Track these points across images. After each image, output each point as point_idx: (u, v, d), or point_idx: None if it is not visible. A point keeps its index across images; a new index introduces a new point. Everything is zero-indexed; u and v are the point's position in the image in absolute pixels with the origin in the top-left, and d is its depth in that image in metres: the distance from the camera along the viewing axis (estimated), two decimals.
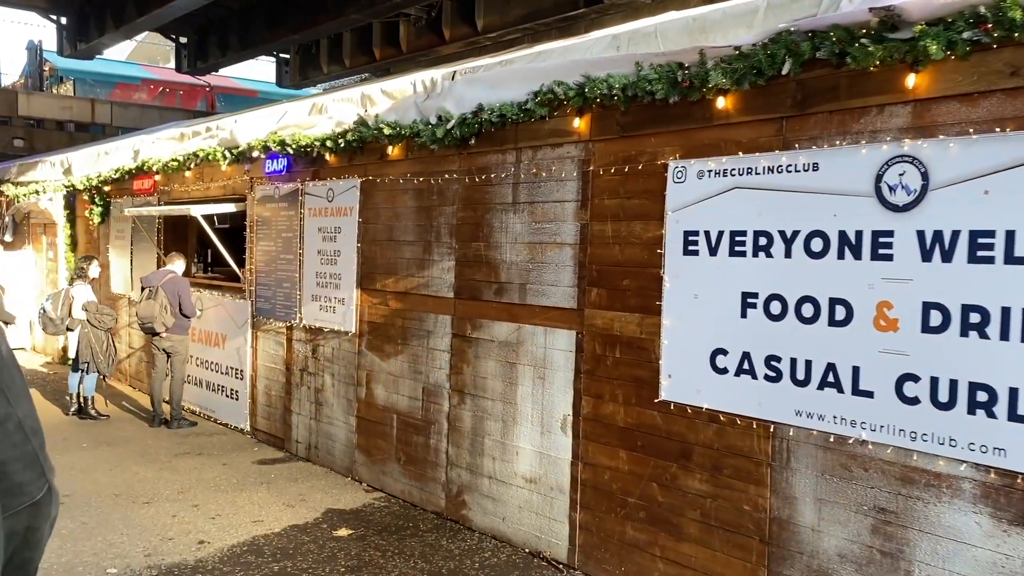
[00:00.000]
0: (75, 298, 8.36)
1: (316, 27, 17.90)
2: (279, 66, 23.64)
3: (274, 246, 7.61)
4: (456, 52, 16.65)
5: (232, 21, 20.19)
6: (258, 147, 7.40)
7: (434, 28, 17.18)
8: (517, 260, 5.21)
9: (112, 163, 10.42)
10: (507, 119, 5.11)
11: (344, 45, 19.79)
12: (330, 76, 21.58)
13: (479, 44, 16.47)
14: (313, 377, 7.10)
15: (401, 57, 18.26)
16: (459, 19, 16.41)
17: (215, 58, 21.76)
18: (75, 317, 8.31)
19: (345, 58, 19.90)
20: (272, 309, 7.62)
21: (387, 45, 18.73)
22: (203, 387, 8.72)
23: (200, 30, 21.68)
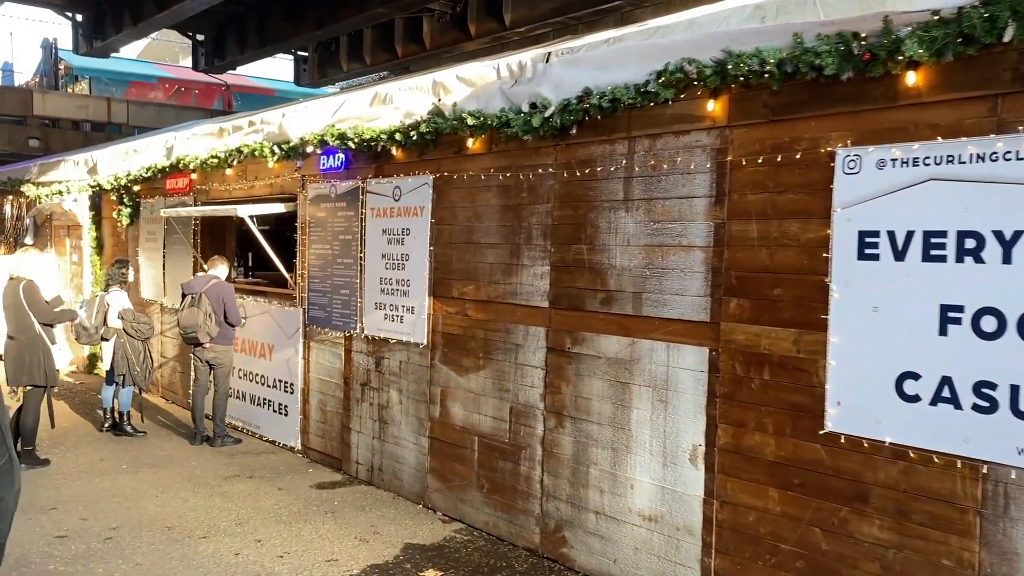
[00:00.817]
0: (110, 305, 7.76)
1: (338, 22, 17.30)
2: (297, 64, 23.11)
3: (329, 249, 6.98)
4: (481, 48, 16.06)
5: (250, 17, 19.61)
6: (313, 142, 6.77)
7: (459, 24, 16.57)
8: (630, 265, 4.56)
9: (142, 161, 9.82)
10: (620, 104, 4.46)
11: (365, 42, 19.23)
12: (350, 74, 21.01)
13: (506, 39, 15.87)
14: (376, 393, 6.47)
15: (424, 54, 17.70)
16: (485, 14, 15.80)
17: (233, 56, 21.20)
18: (111, 326, 7.71)
19: (366, 55, 19.34)
20: (327, 318, 6.99)
21: (409, 42, 18.15)
22: (246, 401, 8.10)
23: (217, 27, 21.12)
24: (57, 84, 24.66)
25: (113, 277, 7.93)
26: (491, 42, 16.13)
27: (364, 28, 18.36)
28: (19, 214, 14.64)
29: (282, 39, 19.10)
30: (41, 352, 6.60)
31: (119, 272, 7.99)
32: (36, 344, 6.61)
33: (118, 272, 7.98)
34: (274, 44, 19.73)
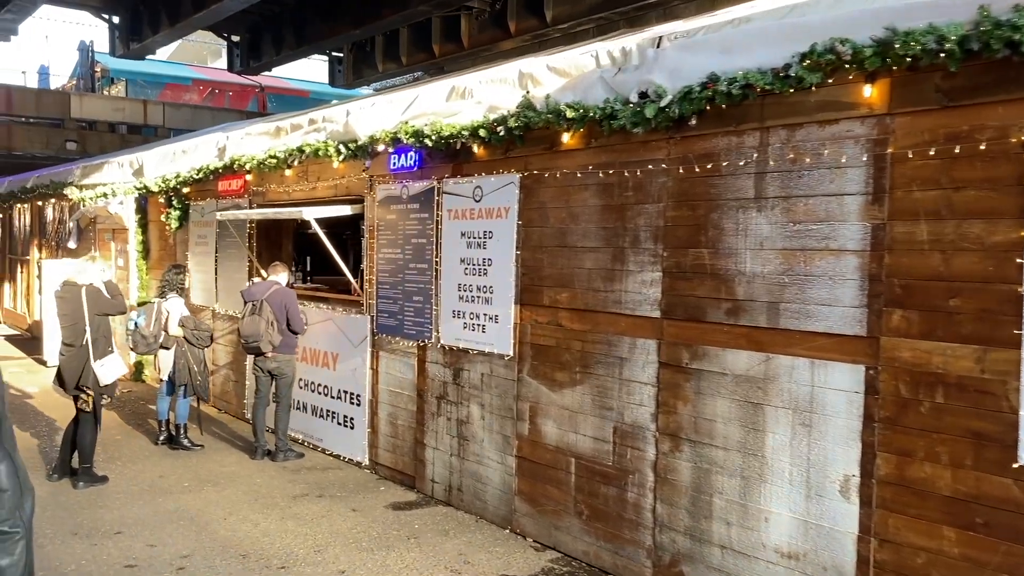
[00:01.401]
0: (169, 313, 7.41)
1: (378, 21, 16.99)
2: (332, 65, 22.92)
3: (400, 253, 6.56)
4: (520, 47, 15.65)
5: (287, 17, 19.37)
6: (384, 140, 6.35)
7: (498, 21, 16.19)
8: (763, 271, 4.08)
9: (192, 162, 9.49)
10: (751, 91, 3.98)
11: (401, 42, 18.94)
12: (385, 74, 20.75)
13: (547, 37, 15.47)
14: (455, 407, 6.04)
15: (461, 53, 17.38)
16: (526, 11, 15.41)
17: (269, 57, 21.01)
18: (171, 334, 7.36)
19: (402, 55, 19.05)
20: (398, 326, 6.58)
21: (446, 41, 17.83)
22: (308, 412, 7.71)
23: (253, 28, 20.93)
24: (94, 87, 24.60)
25: (170, 283, 7.59)
26: (531, 39, 15.72)
27: (400, 27, 18.08)
28: (61, 217, 14.43)
29: (319, 39, 18.85)
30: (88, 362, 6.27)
31: (177, 278, 7.65)
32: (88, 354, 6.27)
33: (176, 278, 7.64)
34: (311, 44, 19.51)
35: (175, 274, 7.67)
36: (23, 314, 16.32)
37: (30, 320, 15.76)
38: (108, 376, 6.26)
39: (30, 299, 15.85)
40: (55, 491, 6.27)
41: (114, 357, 6.36)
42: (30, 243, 15.98)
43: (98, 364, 6.21)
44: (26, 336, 15.64)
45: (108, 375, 6.26)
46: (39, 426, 8.33)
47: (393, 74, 20.44)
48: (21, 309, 16.55)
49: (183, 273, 7.79)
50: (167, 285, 7.58)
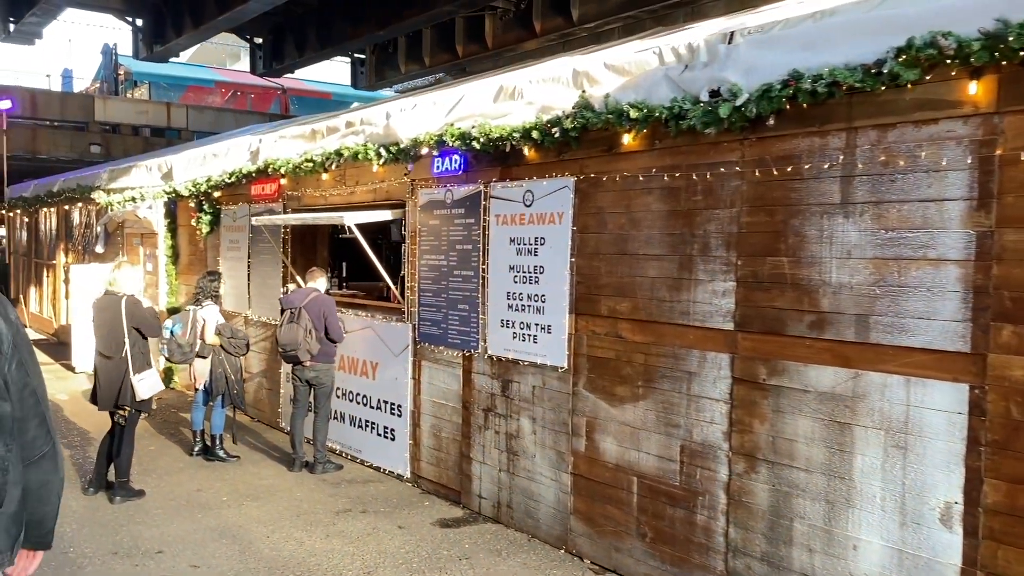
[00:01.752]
0: (206, 321, 7.23)
1: (402, 22, 16.83)
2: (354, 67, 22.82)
3: (444, 260, 6.33)
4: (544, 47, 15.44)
5: (310, 19, 19.26)
6: (428, 143, 6.13)
7: (522, 21, 15.99)
8: (851, 282, 3.81)
9: (223, 166, 9.32)
10: (838, 89, 3.71)
11: (424, 43, 18.80)
12: (408, 75, 20.63)
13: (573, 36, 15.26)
14: (503, 420, 5.81)
15: (485, 53, 17.21)
16: (551, 10, 15.21)
17: (291, 59, 20.93)
18: (208, 343, 7.19)
19: (425, 56, 18.91)
20: (442, 335, 6.35)
21: (470, 41, 17.67)
22: (346, 422, 7.50)
23: (276, 30, 20.85)
24: (117, 90, 24.61)
25: (206, 290, 7.41)
26: (558, 39, 15.52)
27: (423, 28, 17.94)
28: (88, 221, 14.35)
29: (342, 41, 18.73)
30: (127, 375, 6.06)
31: (212, 285, 7.47)
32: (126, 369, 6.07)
33: (211, 285, 7.46)
34: (334, 46, 19.39)
35: (210, 281, 7.49)
36: (49, 319, 16.28)
37: (56, 325, 15.70)
38: (146, 391, 6.07)
39: (56, 304, 15.80)
40: (92, 505, 6.10)
41: (152, 372, 6.17)
42: (56, 247, 15.93)
43: (136, 378, 6.02)
44: (52, 341, 15.58)
45: (146, 390, 6.07)
46: (71, 435, 8.18)
47: (416, 75, 20.32)
48: (47, 314, 16.51)
49: (218, 280, 7.61)
50: (202, 292, 7.40)
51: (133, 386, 6.00)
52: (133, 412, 6.13)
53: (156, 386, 6.18)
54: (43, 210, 16.93)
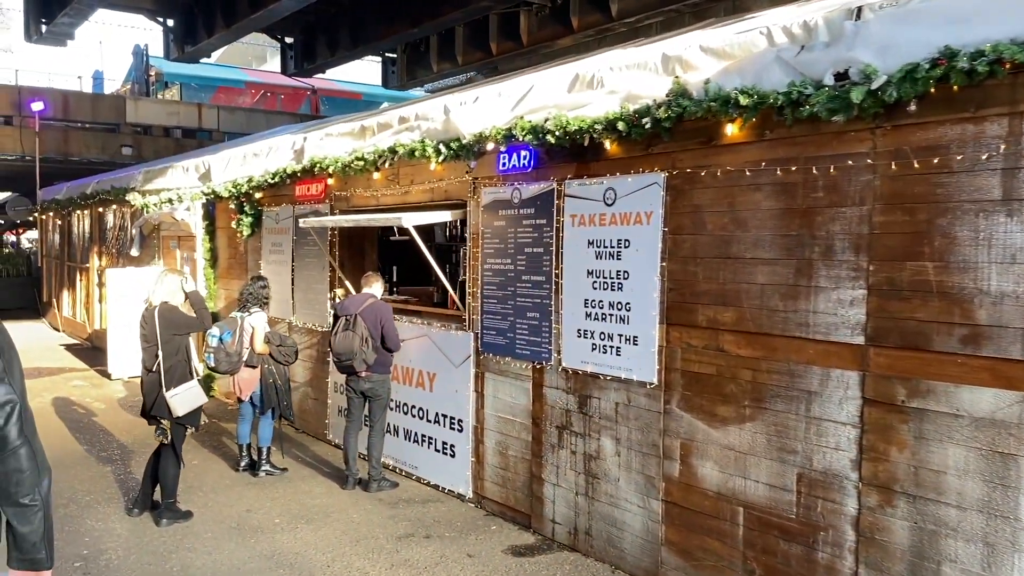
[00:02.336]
0: (255, 328, 6.83)
1: (437, 19, 16.43)
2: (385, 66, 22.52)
3: (511, 264, 5.87)
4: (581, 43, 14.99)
5: (343, 17, 18.93)
6: (494, 138, 5.67)
7: (559, 17, 15.54)
8: (1017, 291, 3.29)
9: (266, 165, 8.93)
10: (1000, 67, 3.19)
11: (456, 41, 18.43)
12: (440, 74, 20.27)
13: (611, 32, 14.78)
14: (581, 439, 5.33)
15: (519, 51, 16.80)
16: (589, 5, 14.71)
17: (323, 58, 20.64)
18: (257, 351, 6.79)
19: (458, 55, 18.54)
20: (509, 345, 5.89)
21: (504, 39, 17.26)
22: (400, 436, 7.06)
23: (307, 29, 20.56)
24: (148, 91, 24.45)
25: (254, 296, 7.01)
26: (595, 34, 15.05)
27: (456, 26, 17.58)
28: (122, 224, 14.08)
29: (376, 39, 18.37)
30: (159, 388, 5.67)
31: (261, 291, 7.07)
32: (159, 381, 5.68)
33: (260, 291, 7.06)
34: (367, 45, 19.05)
35: (260, 287, 7.08)
36: (83, 323, 16.05)
37: (90, 329, 15.47)
38: (181, 407, 5.65)
39: (90, 308, 15.57)
40: (137, 529, 5.70)
41: (191, 385, 5.74)
42: (90, 250, 15.70)
43: (170, 394, 5.61)
44: (86, 346, 15.35)
45: (181, 405, 5.65)
46: (110, 449, 7.83)
47: (448, 74, 19.97)
48: (80, 318, 16.29)
49: (266, 285, 7.20)
50: (251, 298, 6.99)
51: (167, 402, 5.59)
52: (177, 427, 5.72)
53: (195, 400, 5.76)
54: (76, 212, 16.73)
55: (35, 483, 2.34)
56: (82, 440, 8.14)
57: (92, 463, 7.31)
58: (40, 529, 2.35)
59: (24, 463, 2.32)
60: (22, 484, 2.32)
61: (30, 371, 12.19)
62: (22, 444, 2.33)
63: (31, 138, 20.14)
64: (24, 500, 2.33)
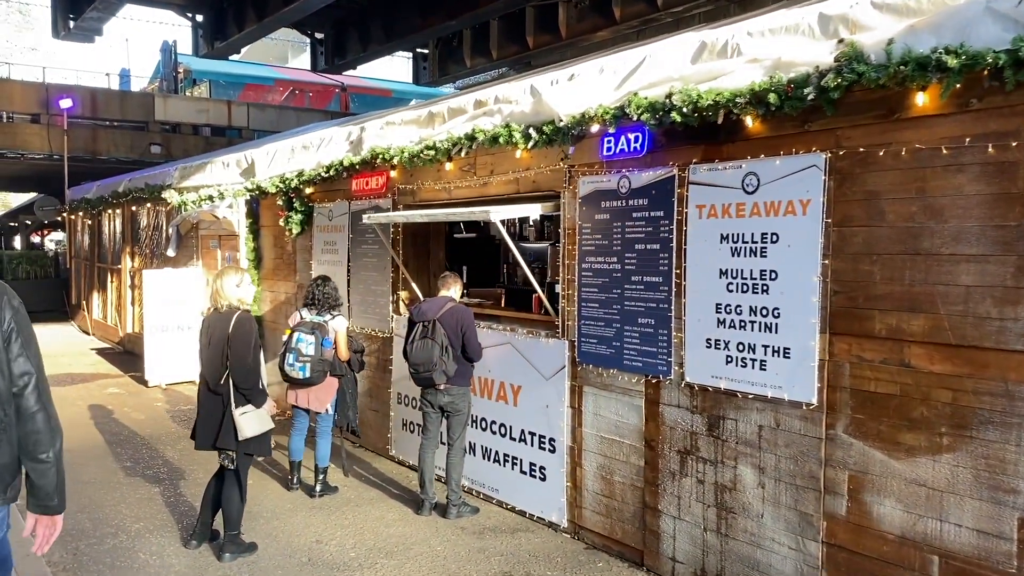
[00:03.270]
0: (338, 333, 6.20)
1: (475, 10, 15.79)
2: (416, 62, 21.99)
3: (616, 263, 5.14)
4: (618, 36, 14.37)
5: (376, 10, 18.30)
6: (599, 118, 4.94)
7: (600, 8, 14.87)
8: None
9: (317, 158, 8.26)
10: None
11: (491, 34, 17.82)
12: (474, 69, 19.69)
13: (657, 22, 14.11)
14: (711, 467, 4.59)
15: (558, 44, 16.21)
16: None
17: (354, 54, 20.07)
18: (343, 357, 6.20)
19: (492, 49, 17.93)
20: (615, 356, 5.16)
21: (542, 31, 16.63)
22: (478, 455, 6.35)
23: (338, 24, 19.99)
24: (177, 88, 23.94)
25: (330, 299, 6.33)
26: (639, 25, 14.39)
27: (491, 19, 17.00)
28: (156, 223, 13.50)
29: (410, 33, 17.76)
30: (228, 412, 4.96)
31: (336, 292, 6.42)
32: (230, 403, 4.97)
33: (335, 292, 6.40)
34: (401, 39, 18.44)
35: (332, 288, 6.41)
36: (114, 326, 15.50)
37: (122, 333, 14.91)
38: (251, 428, 4.96)
39: (122, 310, 15.01)
40: (197, 564, 5.03)
41: (264, 403, 5.07)
42: (121, 251, 15.14)
43: (239, 411, 4.93)
44: (117, 350, 14.80)
45: (251, 426, 4.96)
46: (156, 466, 7.18)
47: (481, 69, 19.39)
48: (112, 321, 15.73)
49: (336, 287, 6.54)
50: (326, 301, 6.30)
51: (235, 421, 4.90)
52: (244, 456, 5.04)
53: (265, 423, 5.08)
54: (107, 212, 16.19)
55: (50, 443, 2.75)
56: (124, 456, 7.50)
57: (138, 483, 6.67)
58: (54, 481, 2.76)
59: (41, 426, 2.73)
60: (40, 444, 2.73)
61: (63, 377, 11.62)
62: (39, 410, 2.73)
63: (59, 136, 19.67)
64: (41, 457, 2.73)
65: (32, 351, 2.72)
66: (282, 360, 6.18)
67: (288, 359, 6.13)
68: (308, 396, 6.28)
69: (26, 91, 20.23)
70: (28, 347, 2.71)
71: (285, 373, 6.19)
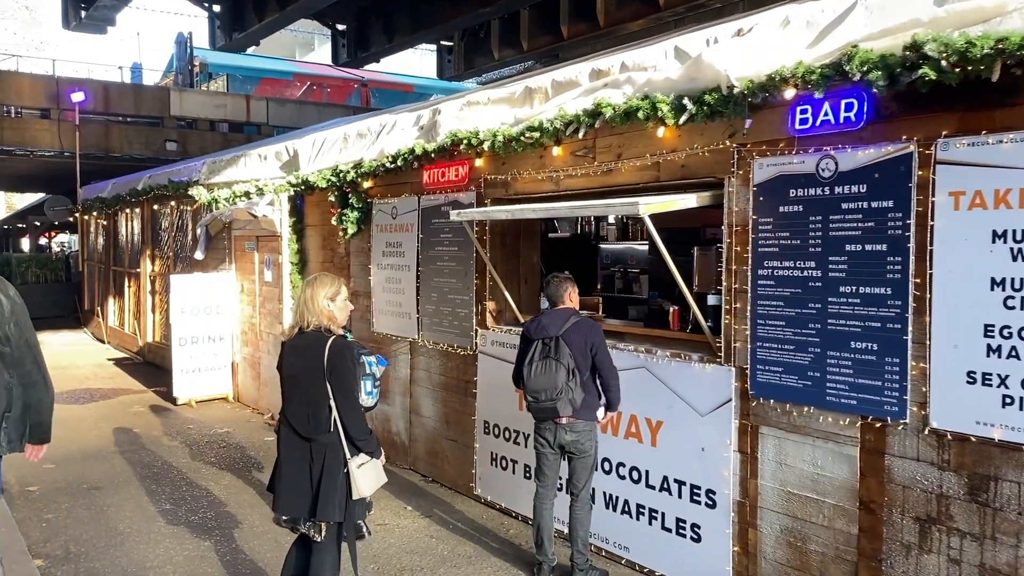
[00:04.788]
0: None
1: None
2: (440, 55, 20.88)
3: (815, 268, 3.98)
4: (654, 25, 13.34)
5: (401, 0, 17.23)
6: (799, 81, 3.79)
7: None
8: None
9: (381, 146, 7.12)
10: None
11: (521, 24, 16.69)
12: (502, 62, 18.61)
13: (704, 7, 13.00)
14: (976, 544, 3.42)
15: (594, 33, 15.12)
16: None
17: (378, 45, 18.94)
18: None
19: (522, 40, 16.81)
20: (812, 389, 4.00)
21: (577, 20, 15.52)
22: (598, 501, 5.18)
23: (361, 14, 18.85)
24: (192, 82, 22.84)
25: None
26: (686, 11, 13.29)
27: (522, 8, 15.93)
28: (180, 223, 12.38)
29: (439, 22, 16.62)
30: (341, 471, 3.79)
31: None
32: (336, 454, 3.79)
33: None
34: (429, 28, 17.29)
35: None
36: (132, 334, 14.38)
37: (141, 342, 13.79)
38: (368, 484, 3.81)
39: (141, 318, 13.89)
40: None
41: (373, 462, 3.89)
42: (140, 253, 14.02)
43: (357, 462, 3.78)
44: (137, 361, 13.68)
45: (368, 482, 3.81)
46: (200, 509, 6.03)
47: (509, 62, 18.34)
48: (130, 329, 14.61)
49: None
50: None
51: (351, 476, 3.75)
52: (347, 524, 3.88)
53: (381, 476, 3.93)
54: (123, 212, 15.08)
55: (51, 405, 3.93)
56: (161, 495, 6.36)
57: (184, 535, 5.52)
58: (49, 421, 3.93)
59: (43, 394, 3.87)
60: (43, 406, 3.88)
61: (80, 393, 10.50)
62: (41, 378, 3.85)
63: (70, 132, 18.60)
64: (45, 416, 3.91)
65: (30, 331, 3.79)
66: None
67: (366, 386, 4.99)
68: None
69: (35, 84, 19.16)
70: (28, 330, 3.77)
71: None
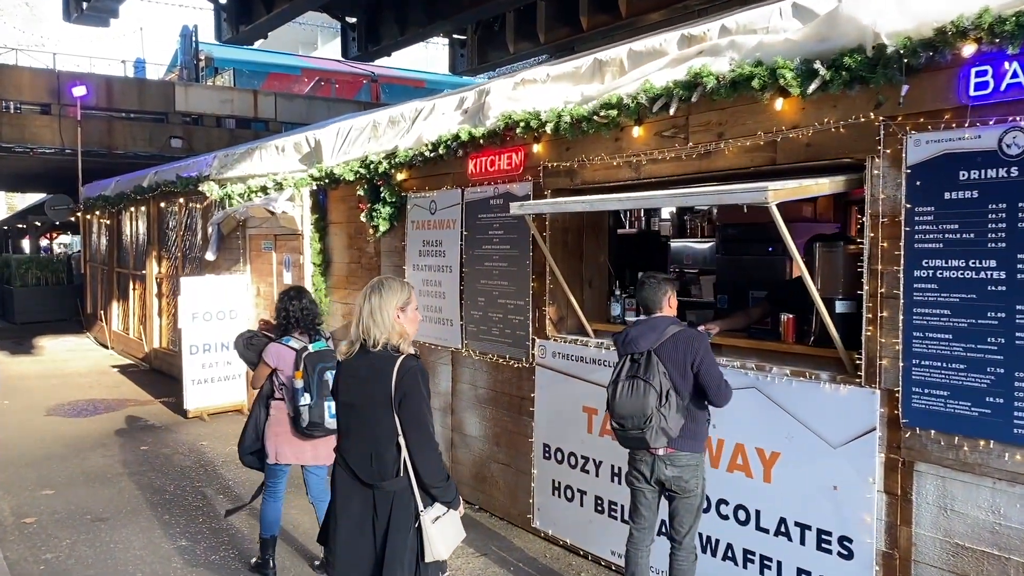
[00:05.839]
0: None
1: None
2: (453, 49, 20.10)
3: (997, 269, 3.19)
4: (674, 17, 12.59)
5: None
6: (983, 33, 3.01)
7: None
8: None
9: (417, 133, 6.35)
10: None
11: (538, 16, 15.90)
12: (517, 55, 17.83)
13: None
14: None
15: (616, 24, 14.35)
16: None
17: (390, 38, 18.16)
18: None
19: (539, 32, 16.04)
20: (989, 418, 3.21)
21: (597, 11, 14.75)
22: (703, 547, 4.39)
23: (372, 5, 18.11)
24: (198, 77, 22.06)
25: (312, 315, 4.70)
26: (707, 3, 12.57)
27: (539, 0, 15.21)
28: (189, 222, 11.61)
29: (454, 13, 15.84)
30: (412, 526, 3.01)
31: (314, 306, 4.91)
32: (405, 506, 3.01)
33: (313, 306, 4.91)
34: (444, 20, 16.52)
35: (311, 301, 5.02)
36: (138, 339, 13.61)
37: (147, 348, 13.02)
38: (445, 543, 3.03)
39: (147, 322, 13.12)
40: None
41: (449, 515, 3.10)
42: (146, 254, 13.25)
43: (431, 515, 3.00)
44: (143, 367, 12.91)
45: (446, 540, 3.03)
46: (223, 547, 5.26)
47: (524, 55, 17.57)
48: (135, 333, 13.85)
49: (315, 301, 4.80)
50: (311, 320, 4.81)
51: (424, 533, 2.97)
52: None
53: (460, 531, 3.15)
54: (128, 210, 14.32)
55: None
56: (176, 527, 5.59)
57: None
58: None
59: None
60: None
61: (83, 405, 9.74)
62: None
63: (71, 128, 17.83)
64: None
65: None
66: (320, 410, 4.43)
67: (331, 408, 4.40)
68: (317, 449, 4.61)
69: (36, 78, 18.40)
70: None
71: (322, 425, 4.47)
